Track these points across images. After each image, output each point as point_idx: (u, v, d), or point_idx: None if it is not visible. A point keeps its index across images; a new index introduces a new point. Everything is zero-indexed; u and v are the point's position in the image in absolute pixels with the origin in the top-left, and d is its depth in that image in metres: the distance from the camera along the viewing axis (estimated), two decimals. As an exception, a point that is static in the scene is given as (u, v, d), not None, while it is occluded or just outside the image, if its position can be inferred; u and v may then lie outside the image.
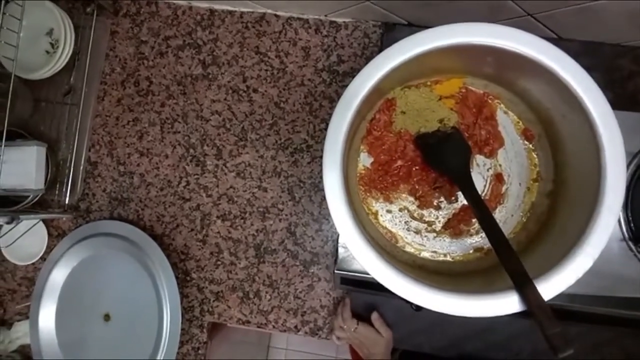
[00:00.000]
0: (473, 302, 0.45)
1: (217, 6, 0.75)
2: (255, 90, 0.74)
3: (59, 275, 0.74)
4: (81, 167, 0.76)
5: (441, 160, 0.56)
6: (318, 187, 0.72)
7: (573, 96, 0.46)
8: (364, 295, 0.70)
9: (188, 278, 0.73)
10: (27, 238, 0.76)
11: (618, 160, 0.45)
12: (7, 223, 0.61)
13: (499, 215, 0.57)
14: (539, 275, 0.46)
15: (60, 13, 0.72)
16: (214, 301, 0.73)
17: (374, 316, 0.68)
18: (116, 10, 0.77)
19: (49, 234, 0.77)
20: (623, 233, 0.58)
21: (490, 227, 0.48)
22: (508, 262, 0.45)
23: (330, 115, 0.73)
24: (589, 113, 0.45)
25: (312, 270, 0.72)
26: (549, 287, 0.45)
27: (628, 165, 0.59)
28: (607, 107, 0.45)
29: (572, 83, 0.46)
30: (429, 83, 0.59)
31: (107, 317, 0.72)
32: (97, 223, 0.75)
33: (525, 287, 0.43)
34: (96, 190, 0.76)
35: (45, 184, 0.72)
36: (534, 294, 0.43)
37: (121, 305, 0.72)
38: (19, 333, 0.78)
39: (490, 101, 0.58)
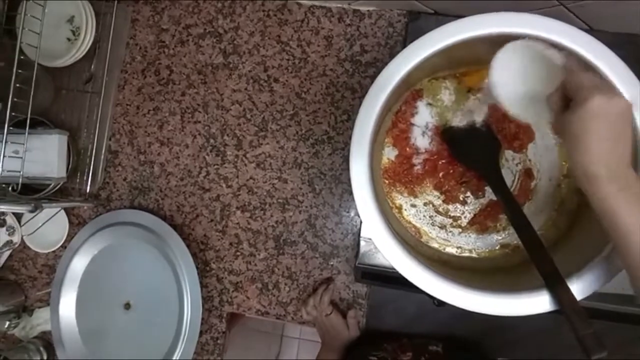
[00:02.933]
0: (503, 300, 0.44)
1: (238, -6, 0.74)
2: (276, 80, 0.73)
3: (79, 263, 0.75)
4: (102, 156, 0.76)
5: (470, 154, 0.54)
6: (339, 179, 0.71)
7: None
8: (384, 289, 0.69)
9: (207, 268, 0.73)
10: (48, 226, 0.77)
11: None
12: (30, 211, 0.61)
13: (527, 211, 0.56)
14: (570, 274, 0.45)
15: (82, 0, 0.71)
16: (233, 291, 0.73)
17: (352, 314, 0.68)
18: (137, -2, 0.76)
19: (70, 222, 0.77)
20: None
21: (521, 225, 0.47)
22: (539, 260, 0.44)
23: (352, 106, 0.72)
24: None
25: (331, 263, 0.71)
26: (583, 287, 0.44)
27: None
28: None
29: (608, 74, 0.44)
30: (457, 75, 0.57)
31: (127, 306, 0.73)
32: (118, 212, 0.75)
33: (557, 287, 0.42)
34: (117, 179, 0.76)
35: (66, 172, 0.72)
36: (566, 293, 0.42)
37: (142, 294, 0.72)
38: (40, 320, 0.79)
39: (520, 94, 0.56)
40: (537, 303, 0.44)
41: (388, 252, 0.46)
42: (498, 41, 0.49)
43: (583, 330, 0.40)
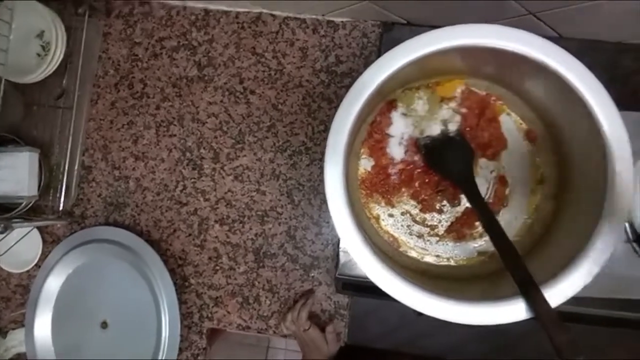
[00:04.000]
0: (477, 309, 0.44)
1: (212, 6, 0.73)
2: (252, 92, 0.73)
3: (54, 283, 0.73)
4: (75, 172, 0.75)
5: (444, 163, 0.55)
6: (317, 190, 0.71)
7: (578, 97, 0.45)
8: (365, 299, 0.69)
9: (186, 284, 0.72)
10: (21, 245, 0.74)
11: (625, 163, 0.44)
12: (0, 232, 0.60)
13: (502, 218, 0.56)
14: (545, 281, 0.45)
15: (51, 15, 0.70)
16: (213, 307, 0.72)
17: (330, 329, 0.67)
18: (108, 11, 0.75)
19: (44, 241, 0.75)
20: (627, 234, 0.57)
21: (495, 232, 0.47)
22: (513, 267, 0.45)
23: (329, 116, 0.72)
24: (594, 114, 0.45)
25: (312, 275, 0.71)
26: (557, 294, 0.44)
27: (634, 165, 0.58)
28: (613, 108, 0.45)
29: (576, 84, 0.45)
30: (430, 84, 0.58)
31: (104, 325, 0.71)
32: (93, 229, 0.73)
33: (531, 294, 0.43)
34: (91, 196, 0.75)
35: (38, 190, 0.71)
36: (541, 300, 0.42)
37: (118, 313, 0.71)
38: (15, 341, 0.77)
39: (492, 102, 0.57)
40: (514, 311, 0.44)
41: (364, 264, 0.45)
42: (469, 51, 0.50)
43: (559, 337, 0.40)
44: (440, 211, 0.57)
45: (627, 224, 0.57)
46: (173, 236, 0.73)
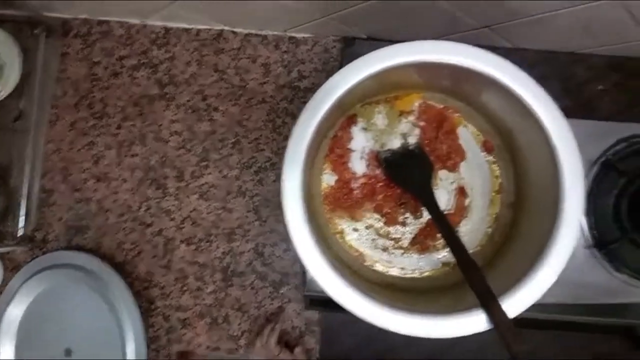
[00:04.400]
0: (437, 322, 0.44)
1: (172, 24, 0.73)
2: (215, 109, 0.72)
3: (15, 311, 0.70)
4: (35, 196, 0.72)
5: (404, 177, 0.55)
6: (284, 206, 0.70)
7: (526, 108, 0.46)
8: (336, 314, 0.68)
9: (153, 307, 0.70)
10: (-22, 273, 0.72)
11: (575, 171, 0.45)
12: (-49, 262, 0.57)
13: (464, 228, 0.57)
14: (506, 290, 0.46)
15: (5, 36, 0.68)
16: (181, 329, 0.70)
17: (298, 350, 0.66)
18: (66, 31, 0.74)
19: (4, 267, 0.73)
20: (587, 240, 0.59)
21: (454, 244, 0.48)
22: (472, 279, 0.45)
23: (293, 132, 0.71)
24: (542, 125, 0.46)
25: (282, 291, 0.70)
26: (514, 304, 0.45)
27: (588, 173, 0.60)
28: (561, 118, 0.46)
29: (524, 95, 0.46)
30: (388, 99, 0.58)
31: (68, 352, 0.69)
32: (54, 254, 0.71)
33: (490, 305, 0.43)
34: (52, 219, 0.73)
35: (-5, 216, 0.68)
36: (498, 311, 0.42)
37: (83, 339, 0.68)
38: (-26, 375, 0.73)
39: (450, 115, 0.58)
40: (473, 323, 0.45)
41: (322, 280, 0.45)
42: (425, 66, 0.51)
43: (516, 347, 0.40)
44: (403, 224, 0.58)
45: (586, 229, 0.59)
46: (138, 258, 0.71)
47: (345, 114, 0.58)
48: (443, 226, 0.49)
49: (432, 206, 0.51)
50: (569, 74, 0.70)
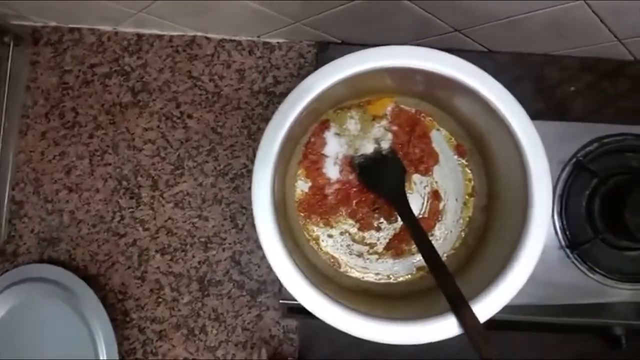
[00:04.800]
0: (409, 328, 0.44)
1: (144, 30, 0.72)
2: (190, 116, 0.71)
3: (-14, 327, 0.68)
4: (5, 208, 0.71)
5: (377, 182, 0.55)
6: (261, 213, 0.70)
7: (493, 111, 0.46)
8: (314, 322, 0.67)
9: (128, 319, 0.69)
10: (-54, 289, 0.70)
11: (542, 172, 0.45)
12: None
13: (438, 232, 0.57)
14: (477, 294, 0.46)
15: (-29, 45, 0.67)
16: (157, 341, 0.69)
17: None
18: (36, 39, 0.73)
19: (-27, 282, 0.71)
20: (560, 241, 0.59)
21: (425, 248, 0.48)
22: (443, 284, 0.45)
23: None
24: (510, 127, 0.46)
25: (259, 300, 0.69)
26: (486, 307, 0.44)
27: (560, 173, 0.60)
28: (528, 121, 0.46)
29: (492, 99, 0.46)
30: (361, 104, 0.58)
31: (41, 368, 0.67)
32: (26, 267, 0.69)
33: (460, 310, 0.43)
34: (23, 232, 0.71)
35: (-38, 229, 0.67)
36: (470, 316, 0.42)
37: (56, 355, 0.67)
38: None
39: (422, 119, 0.58)
40: (445, 328, 0.44)
41: (293, 289, 0.45)
42: (395, 71, 0.51)
43: (487, 354, 0.40)
44: (378, 229, 0.57)
45: (558, 230, 0.59)
46: (111, 270, 0.69)
47: (318, 119, 0.58)
48: (415, 231, 0.49)
49: (405, 211, 0.51)
50: (542, 76, 0.70)
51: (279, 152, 0.48)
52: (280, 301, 0.60)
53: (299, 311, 0.63)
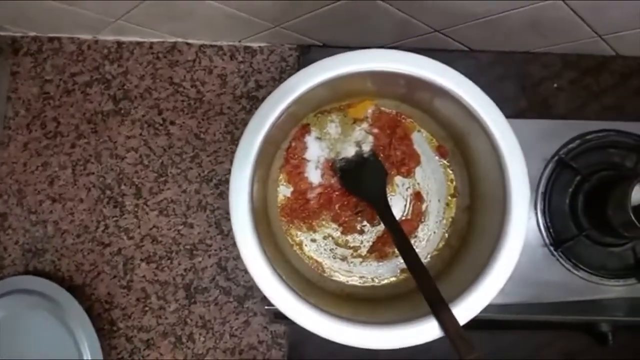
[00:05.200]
0: (391, 332, 0.44)
1: (124, 38, 0.71)
2: (172, 123, 0.71)
3: (-28, 340, 0.68)
4: (-12, 220, 0.70)
5: (358, 185, 0.55)
6: (246, 218, 0.69)
7: (470, 113, 0.46)
8: (302, 327, 0.67)
9: (115, 328, 0.68)
10: None
11: (519, 174, 0.45)
12: None
13: (421, 233, 0.57)
14: (457, 297, 0.45)
15: (-51, 57, 0.66)
16: (144, 350, 0.68)
17: None
18: (16, 50, 0.72)
19: (-41, 296, 0.70)
20: (544, 239, 0.59)
21: (406, 251, 0.47)
22: (423, 286, 0.45)
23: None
24: (486, 128, 0.46)
25: (247, 305, 0.69)
26: (466, 309, 0.44)
27: (543, 171, 0.60)
28: (503, 120, 0.46)
29: (468, 100, 0.46)
30: (341, 107, 0.58)
31: (28, 381, 0.66)
32: (10, 279, 0.69)
33: (441, 312, 0.43)
34: (7, 244, 0.70)
35: (-55, 243, 0.66)
36: (450, 319, 0.42)
37: (42, 367, 0.66)
38: None
39: (403, 121, 0.57)
40: (426, 331, 0.44)
41: (274, 298, 0.45)
42: (374, 74, 0.50)
43: (467, 355, 0.40)
44: (361, 232, 0.57)
45: (542, 228, 0.59)
46: (97, 279, 0.69)
47: (298, 123, 0.58)
48: (396, 235, 0.49)
49: (386, 215, 0.51)
50: (524, 74, 0.70)
51: (258, 153, 0.48)
52: (266, 307, 0.60)
53: (286, 317, 0.63)
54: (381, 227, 0.57)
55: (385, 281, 0.56)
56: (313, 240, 0.57)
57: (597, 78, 0.70)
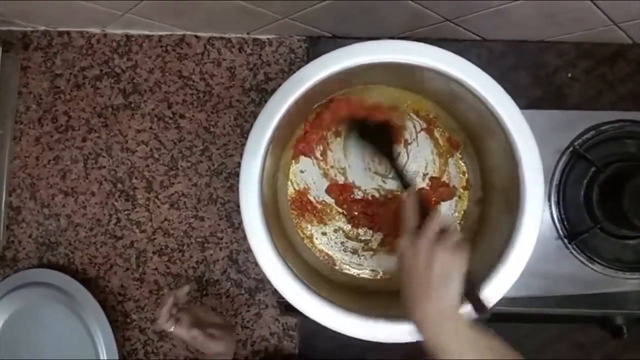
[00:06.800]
0: (400, 326, 0.44)
1: (132, 31, 0.71)
2: (182, 116, 0.71)
3: (-11, 332, 0.69)
4: (2, 214, 0.71)
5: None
6: (256, 211, 0.69)
7: (483, 103, 0.45)
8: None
9: (128, 320, 0.69)
10: (-52, 296, 0.70)
11: (534, 163, 0.44)
12: None
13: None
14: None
15: (-39, 52, 0.67)
16: (157, 341, 0.69)
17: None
18: (26, 45, 0.72)
19: (-24, 288, 0.71)
20: (558, 231, 0.58)
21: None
22: None
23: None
24: (499, 118, 0.45)
25: (258, 298, 0.69)
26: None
27: (557, 163, 0.59)
28: (516, 110, 0.45)
29: (481, 91, 0.45)
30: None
31: (44, 372, 0.68)
32: (26, 272, 0.70)
33: None
34: (22, 237, 0.71)
35: (-39, 236, 0.67)
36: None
37: (57, 358, 0.67)
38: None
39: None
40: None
41: (285, 291, 0.45)
42: (387, 66, 0.50)
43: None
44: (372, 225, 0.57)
45: (556, 220, 0.58)
46: (110, 272, 0.70)
47: (308, 115, 0.57)
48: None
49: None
50: (538, 63, 0.69)
51: (268, 146, 0.48)
52: (277, 300, 0.60)
53: (297, 309, 0.63)
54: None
55: (397, 274, 0.56)
56: (324, 234, 0.57)
57: (612, 67, 0.68)
